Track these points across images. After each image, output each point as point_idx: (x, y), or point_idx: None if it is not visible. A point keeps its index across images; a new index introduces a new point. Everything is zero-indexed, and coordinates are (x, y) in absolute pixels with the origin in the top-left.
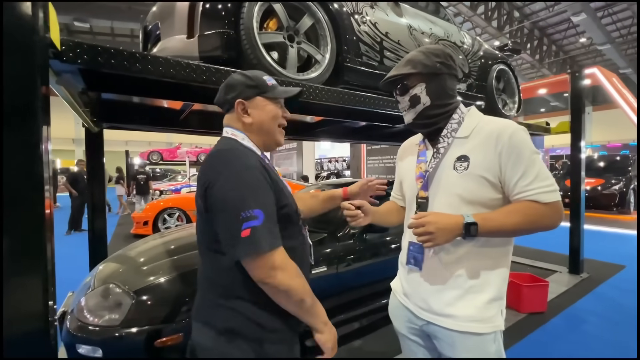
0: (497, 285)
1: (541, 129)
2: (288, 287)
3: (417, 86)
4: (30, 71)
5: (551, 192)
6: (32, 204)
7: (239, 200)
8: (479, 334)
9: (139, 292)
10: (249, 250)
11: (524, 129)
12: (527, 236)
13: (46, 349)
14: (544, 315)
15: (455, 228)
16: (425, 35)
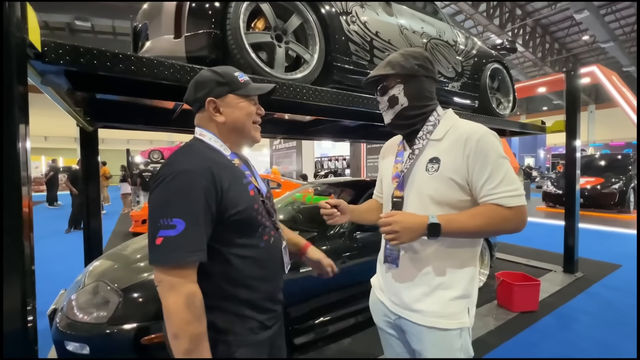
0: (464, 284)
1: (537, 128)
2: (168, 310)
3: (396, 87)
4: (5, 71)
5: (515, 196)
6: (10, 203)
7: (161, 206)
8: (444, 329)
9: (127, 290)
10: (155, 260)
11: (494, 134)
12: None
13: (24, 351)
14: (535, 314)
15: (420, 228)
16: (416, 34)
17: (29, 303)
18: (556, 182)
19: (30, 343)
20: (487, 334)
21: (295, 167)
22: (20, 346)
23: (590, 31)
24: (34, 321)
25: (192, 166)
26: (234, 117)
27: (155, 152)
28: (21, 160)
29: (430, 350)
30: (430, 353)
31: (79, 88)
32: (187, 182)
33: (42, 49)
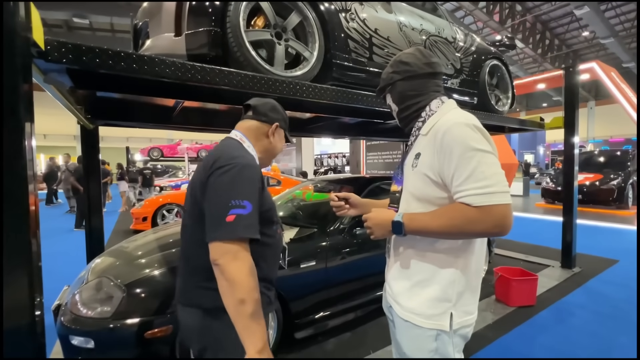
0: (442, 285)
1: (535, 125)
2: (235, 278)
3: (387, 97)
4: (11, 70)
5: (484, 194)
6: (17, 200)
7: (233, 190)
8: (419, 326)
9: (130, 286)
10: (227, 234)
11: (469, 124)
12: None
13: (33, 344)
14: (532, 309)
15: (387, 225)
16: (415, 31)
17: (37, 298)
18: (555, 178)
19: (38, 336)
20: (485, 327)
21: (294, 164)
22: (29, 340)
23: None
24: (41, 315)
25: (252, 162)
26: (276, 144)
27: (154, 150)
28: (27, 158)
29: (405, 344)
30: (405, 347)
31: (80, 86)
32: (252, 173)
33: (45, 48)
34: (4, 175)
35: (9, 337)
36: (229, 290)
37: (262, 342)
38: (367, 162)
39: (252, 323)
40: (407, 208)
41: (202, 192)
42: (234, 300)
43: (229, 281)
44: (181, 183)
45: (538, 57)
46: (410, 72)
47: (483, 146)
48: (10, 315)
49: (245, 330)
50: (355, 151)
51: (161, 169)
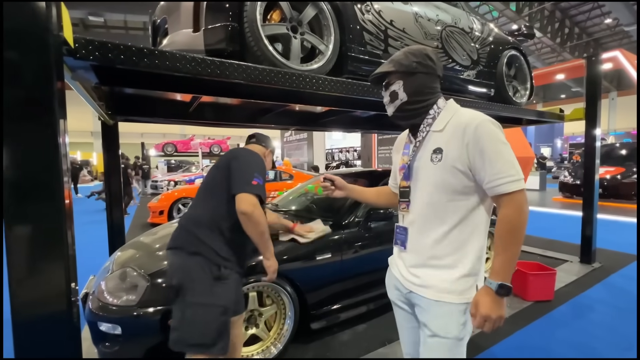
0: (471, 262)
1: (554, 117)
2: (258, 221)
3: (396, 83)
4: (46, 68)
5: (516, 181)
6: (53, 193)
7: (255, 169)
8: (450, 303)
9: (154, 275)
10: (252, 189)
11: (492, 121)
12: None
13: (70, 326)
14: (550, 304)
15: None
16: (431, 22)
17: (72, 284)
18: (573, 172)
19: (75, 320)
20: None
21: (306, 158)
22: (68, 322)
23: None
24: (76, 301)
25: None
26: (267, 162)
27: (168, 145)
28: (61, 153)
29: (433, 322)
30: (433, 324)
31: (105, 83)
32: (264, 165)
33: (74, 46)
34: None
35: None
36: (255, 228)
37: (272, 249)
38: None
39: (268, 242)
40: (429, 200)
41: (225, 171)
42: (259, 232)
43: (255, 222)
44: (195, 177)
45: (557, 46)
46: (432, 69)
47: (506, 140)
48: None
49: (265, 247)
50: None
51: (175, 164)
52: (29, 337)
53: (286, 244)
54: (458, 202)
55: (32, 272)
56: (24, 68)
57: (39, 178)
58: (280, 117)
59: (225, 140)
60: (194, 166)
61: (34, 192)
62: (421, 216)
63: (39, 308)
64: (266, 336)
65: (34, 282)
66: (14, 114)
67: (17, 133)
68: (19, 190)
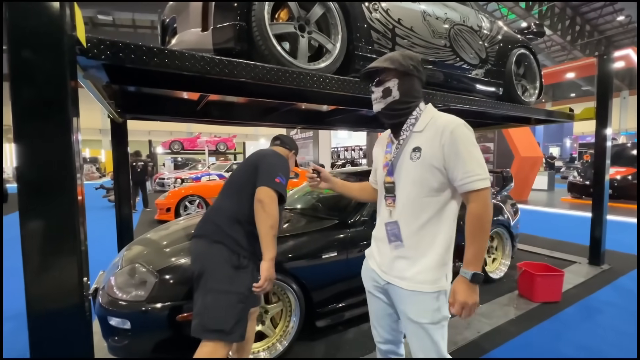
0: (440, 254)
1: (564, 116)
2: (271, 213)
3: (391, 81)
4: (60, 67)
5: (484, 179)
6: (66, 190)
7: (280, 169)
8: (424, 292)
9: (162, 272)
10: (274, 185)
11: (466, 125)
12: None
13: (82, 320)
14: (558, 305)
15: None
16: (440, 20)
17: (84, 279)
18: (583, 172)
19: (87, 313)
20: (507, 322)
21: (312, 157)
22: (78, 315)
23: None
24: (88, 295)
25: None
26: (291, 163)
27: (175, 143)
28: (75, 150)
29: (411, 310)
30: (411, 312)
31: (115, 81)
32: (288, 167)
33: (86, 45)
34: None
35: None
36: (266, 219)
37: (274, 254)
38: None
39: (272, 242)
40: (408, 194)
41: (252, 168)
42: (268, 224)
43: (268, 213)
44: (201, 175)
45: (567, 44)
46: (422, 75)
47: (476, 143)
48: (63, 295)
49: (268, 245)
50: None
51: (181, 162)
52: (43, 330)
53: (292, 242)
54: (433, 198)
55: (46, 266)
56: (38, 67)
57: (53, 175)
58: (286, 115)
59: (231, 139)
60: (200, 164)
61: (48, 188)
62: (402, 211)
63: (52, 302)
64: (272, 333)
65: (48, 276)
66: (28, 112)
67: (32, 131)
68: (33, 186)
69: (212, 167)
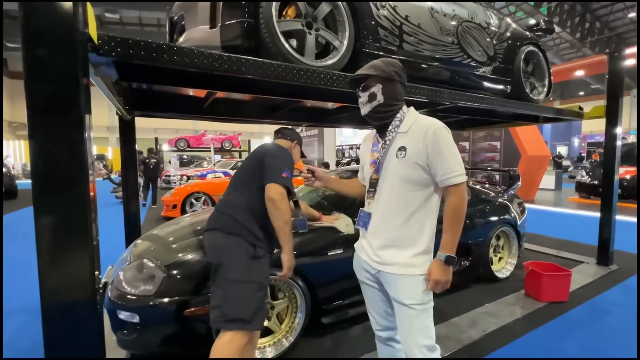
0: (427, 241)
1: (573, 114)
2: (284, 210)
3: (375, 86)
4: (72, 64)
5: (462, 175)
6: (79, 186)
7: (284, 163)
8: (413, 275)
9: (170, 267)
10: (281, 180)
11: (446, 127)
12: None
13: (94, 313)
14: (565, 305)
15: (446, 269)
16: (447, 17)
17: (96, 272)
18: (591, 171)
19: (98, 307)
20: (513, 322)
21: (316, 155)
22: (90, 309)
23: None
24: (99, 289)
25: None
26: (296, 153)
27: (181, 141)
28: (87, 146)
29: (402, 293)
30: (402, 295)
31: (125, 78)
32: (292, 161)
33: (97, 42)
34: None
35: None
36: (280, 216)
37: (292, 245)
38: None
39: (290, 235)
40: (391, 190)
41: (258, 162)
42: (282, 220)
43: (281, 210)
44: (207, 172)
45: (576, 41)
46: (404, 80)
47: (454, 142)
48: (76, 288)
49: (285, 239)
50: None
51: (187, 159)
52: (56, 322)
53: (299, 239)
54: (417, 192)
55: (60, 261)
56: (52, 64)
57: (66, 171)
58: (292, 113)
59: (236, 136)
60: (205, 161)
61: (61, 184)
62: (386, 204)
63: (65, 295)
64: (278, 329)
65: (61, 270)
66: (42, 109)
67: (45, 127)
68: (46, 182)
69: (217, 165)
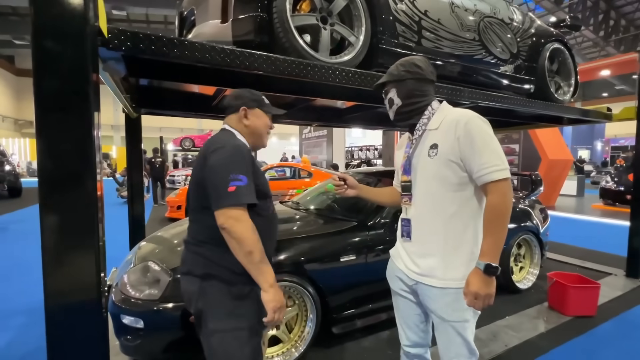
0: (469, 247)
1: (601, 116)
2: (240, 236)
3: (391, 91)
4: (82, 57)
5: (502, 170)
6: (86, 185)
7: (230, 166)
8: (456, 288)
9: (176, 270)
10: (229, 201)
11: (481, 117)
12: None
13: (99, 316)
14: (592, 320)
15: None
16: (468, 12)
17: (102, 274)
18: (617, 177)
19: (103, 309)
20: (537, 336)
21: (325, 156)
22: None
23: None
24: (105, 291)
25: (241, 144)
26: (256, 124)
27: (186, 140)
28: (95, 145)
29: (444, 309)
30: (444, 311)
31: (133, 74)
32: (243, 152)
33: (107, 36)
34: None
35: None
36: (238, 246)
37: (272, 278)
38: None
39: (262, 266)
40: (426, 191)
41: (202, 174)
42: (244, 253)
43: (237, 239)
44: None
45: (600, 40)
46: (421, 75)
47: (493, 134)
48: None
49: (258, 273)
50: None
51: (192, 159)
52: (60, 324)
53: (310, 244)
54: (455, 193)
55: (65, 261)
56: (62, 59)
57: (73, 169)
58: (303, 112)
59: None
60: None
61: (68, 182)
62: (422, 208)
63: (70, 297)
64: (287, 338)
65: (66, 271)
66: (50, 105)
67: (53, 125)
68: (53, 180)
69: None
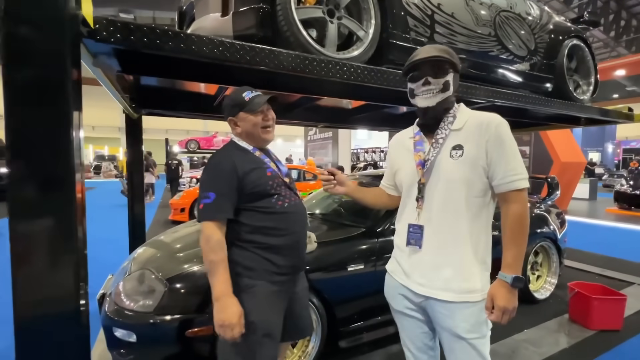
0: (484, 257)
1: (622, 116)
2: (206, 248)
3: (450, 74)
4: (57, 47)
5: (524, 179)
6: (64, 187)
7: (202, 185)
8: (474, 302)
9: (172, 280)
10: (199, 217)
11: (506, 122)
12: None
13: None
14: (618, 335)
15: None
16: (484, 6)
17: (82, 287)
18: (632, 180)
19: (83, 327)
20: (559, 352)
21: (330, 158)
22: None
23: None
24: (86, 305)
25: (221, 160)
26: (245, 128)
27: (192, 142)
28: (75, 147)
29: (461, 325)
30: (461, 328)
31: (128, 71)
32: (217, 170)
33: (94, 26)
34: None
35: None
36: (204, 255)
37: (219, 292)
38: None
39: (216, 276)
40: (446, 195)
41: None
42: (206, 261)
43: (204, 250)
44: None
45: (610, 40)
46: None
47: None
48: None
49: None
50: None
51: (197, 161)
52: (31, 341)
53: (315, 252)
54: (476, 199)
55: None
56: (34, 46)
57: (48, 171)
58: (308, 112)
59: None
60: None
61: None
62: (440, 213)
63: (43, 311)
64: (290, 354)
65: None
66: (21, 98)
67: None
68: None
69: None
